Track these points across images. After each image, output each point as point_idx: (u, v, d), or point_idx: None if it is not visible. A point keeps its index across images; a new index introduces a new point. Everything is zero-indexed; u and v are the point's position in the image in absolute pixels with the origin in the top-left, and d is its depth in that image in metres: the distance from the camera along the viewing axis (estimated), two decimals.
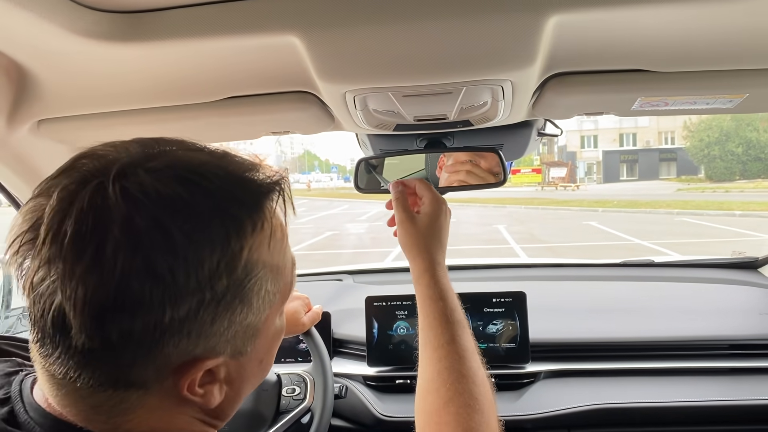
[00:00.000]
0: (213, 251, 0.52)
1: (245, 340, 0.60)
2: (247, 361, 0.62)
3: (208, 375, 0.58)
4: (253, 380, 0.67)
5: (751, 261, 2.22)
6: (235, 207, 0.55)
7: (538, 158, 43.03)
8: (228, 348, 0.58)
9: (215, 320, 0.54)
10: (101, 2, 0.81)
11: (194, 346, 0.54)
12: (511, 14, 0.80)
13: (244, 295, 0.56)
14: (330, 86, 0.96)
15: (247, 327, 0.59)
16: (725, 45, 0.92)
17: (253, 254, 0.56)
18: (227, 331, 0.56)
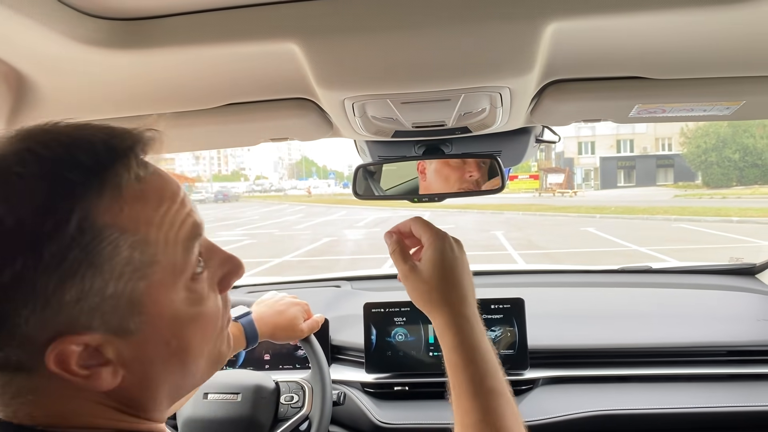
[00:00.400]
0: (36, 213, 0.51)
1: (122, 314, 0.56)
2: (143, 342, 0.58)
3: (95, 354, 0.55)
4: (167, 366, 0.62)
5: (748, 267, 2.22)
6: (67, 169, 0.53)
7: (536, 164, 43.13)
8: (99, 322, 0.54)
9: (62, 288, 0.52)
10: (101, 9, 0.82)
11: (48, 318, 0.52)
12: (510, 22, 0.80)
13: (91, 260, 0.53)
14: (329, 93, 0.96)
15: (116, 298, 0.55)
16: (722, 52, 0.93)
17: (96, 217, 0.53)
18: (85, 301, 0.53)
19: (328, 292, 2.23)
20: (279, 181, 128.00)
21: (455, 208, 27.22)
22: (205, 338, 0.65)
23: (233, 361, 1.87)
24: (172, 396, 0.65)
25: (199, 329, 0.63)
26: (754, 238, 13.84)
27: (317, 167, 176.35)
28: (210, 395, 1.48)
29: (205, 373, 0.69)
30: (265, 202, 51.06)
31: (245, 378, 1.53)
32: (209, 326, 0.65)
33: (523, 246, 13.72)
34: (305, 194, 67.80)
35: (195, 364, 0.65)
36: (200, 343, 0.64)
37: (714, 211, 20.66)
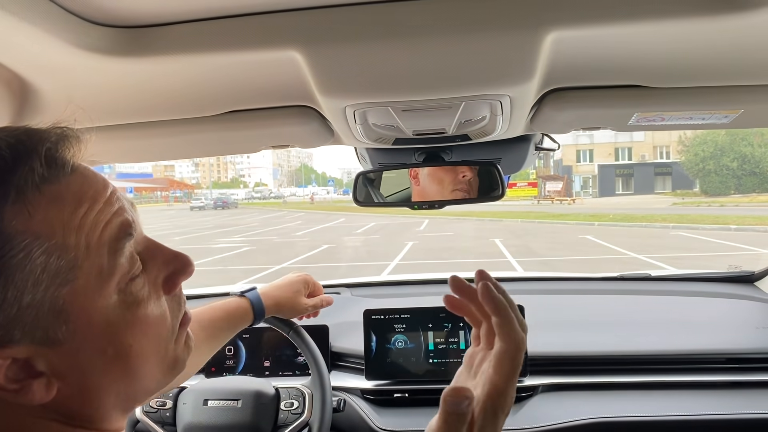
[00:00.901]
0: None
1: (46, 324, 0.53)
2: (74, 351, 0.54)
3: (24, 368, 0.53)
4: (107, 374, 0.58)
5: (747, 275, 2.23)
6: None
7: (534, 172, 43.17)
8: (22, 334, 0.51)
9: None
10: (105, 17, 0.82)
11: None
12: (510, 31, 0.81)
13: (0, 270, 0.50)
14: (330, 101, 0.97)
15: (36, 308, 0.52)
16: (721, 61, 0.94)
17: (4, 225, 0.50)
18: (2, 314, 0.50)
19: None
20: (278, 188, 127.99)
21: (454, 216, 27.23)
22: (149, 343, 0.61)
23: (233, 367, 1.87)
24: (123, 405, 0.62)
25: (139, 334, 0.59)
26: (752, 246, 13.85)
27: (316, 174, 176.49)
28: (210, 401, 1.48)
29: (161, 379, 0.64)
30: (264, 209, 51.04)
31: (245, 384, 1.53)
32: (152, 330, 0.61)
33: (521, 253, 13.72)
34: (307, 201, 67.61)
35: (141, 370, 0.61)
36: (144, 349, 0.60)
37: (712, 219, 20.67)
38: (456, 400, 0.61)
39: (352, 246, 17.23)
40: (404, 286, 2.44)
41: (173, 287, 0.65)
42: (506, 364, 0.65)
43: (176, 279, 0.65)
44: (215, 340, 1.27)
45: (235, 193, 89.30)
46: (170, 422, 1.50)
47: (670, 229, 19.25)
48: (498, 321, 0.66)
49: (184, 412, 1.49)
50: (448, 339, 1.74)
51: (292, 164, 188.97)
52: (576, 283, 2.38)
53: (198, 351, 1.22)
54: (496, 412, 0.63)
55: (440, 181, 1.43)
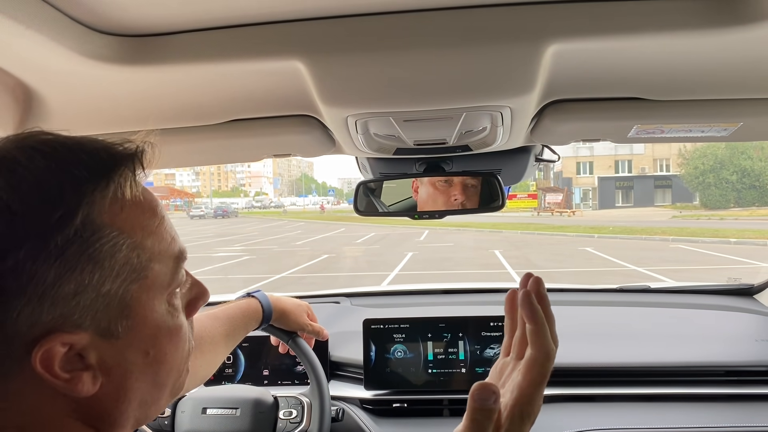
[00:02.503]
0: (42, 203, 0.52)
1: (111, 315, 0.56)
2: (125, 348, 0.58)
3: (76, 358, 0.55)
4: (142, 377, 0.61)
5: (747, 288, 2.22)
6: (74, 167, 0.55)
7: (534, 184, 43.19)
8: (89, 321, 0.54)
9: (60, 280, 0.52)
10: (110, 26, 0.83)
11: (41, 312, 0.51)
12: (511, 43, 0.82)
13: (91, 254, 0.53)
14: (332, 110, 0.98)
15: (109, 298, 0.55)
16: (720, 75, 0.95)
17: (98, 214, 0.54)
18: (80, 297, 0.53)
19: (327, 308, 2.23)
20: (278, 197, 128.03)
21: (453, 226, 27.23)
22: (177, 356, 0.64)
23: (232, 375, 1.87)
24: (138, 417, 0.63)
25: (173, 344, 0.63)
26: (751, 259, 13.85)
27: (317, 184, 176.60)
28: (209, 410, 1.48)
29: (169, 398, 0.67)
30: (265, 218, 50.99)
31: (244, 393, 1.53)
32: (181, 344, 0.65)
33: (521, 265, 13.71)
34: (309, 210, 67.23)
35: (166, 380, 0.64)
36: (174, 360, 0.64)
37: (712, 232, 20.67)
38: (484, 395, 0.62)
39: (352, 256, 17.22)
40: (404, 296, 2.44)
41: (194, 311, 0.70)
42: (535, 371, 0.66)
43: (197, 303, 0.71)
44: (232, 338, 1.29)
45: (236, 202, 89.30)
46: (169, 430, 1.50)
47: (670, 241, 19.25)
48: (532, 329, 0.68)
49: (182, 420, 1.48)
50: (448, 349, 1.74)
51: (293, 174, 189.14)
52: (576, 295, 2.38)
53: (216, 349, 1.23)
54: (522, 418, 0.65)
55: (434, 201, 1.44)
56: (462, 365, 1.73)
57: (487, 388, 0.63)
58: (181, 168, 35.12)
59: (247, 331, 1.34)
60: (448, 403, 1.71)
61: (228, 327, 1.27)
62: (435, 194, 1.44)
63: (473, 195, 1.43)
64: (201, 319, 1.21)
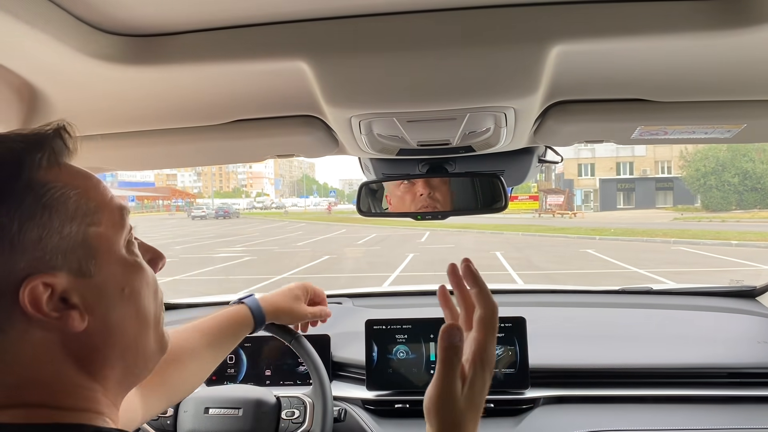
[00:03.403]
0: None
1: (79, 256, 0.63)
2: (101, 285, 0.65)
3: (61, 301, 0.61)
4: (123, 314, 0.67)
5: (749, 290, 2.22)
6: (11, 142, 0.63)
7: (536, 185, 43.14)
8: (61, 262, 0.62)
9: (23, 228, 0.59)
10: (115, 26, 0.83)
11: (15, 260, 0.59)
12: (515, 44, 0.82)
13: (44, 203, 0.61)
14: (336, 111, 0.98)
15: (71, 240, 0.63)
16: (724, 76, 0.95)
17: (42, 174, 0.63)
18: (46, 241, 0.61)
19: (329, 309, 2.23)
20: (280, 198, 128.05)
21: (455, 228, 27.23)
22: (149, 293, 0.71)
23: (234, 375, 1.87)
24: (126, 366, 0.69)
25: (143, 280, 0.70)
26: (753, 261, 13.83)
27: (318, 185, 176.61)
28: (211, 410, 1.48)
29: (155, 352, 0.73)
30: (266, 219, 50.98)
31: (246, 393, 1.53)
32: (152, 283, 0.72)
33: (522, 266, 13.70)
34: (311, 211, 66.71)
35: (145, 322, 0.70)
36: (147, 297, 0.71)
37: (713, 235, 20.64)
38: (451, 333, 0.75)
39: (353, 257, 17.21)
40: (406, 297, 2.44)
41: (155, 269, 0.76)
42: (487, 324, 0.79)
43: (156, 263, 0.77)
44: (219, 348, 1.27)
45: (237, 203, 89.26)
46: (171, 430, 1.50)
47: (671, 243, 19.23)
48: (476, 291, 0.81)
49: (185, 420, 1.48)
50: None
51: (294, 175, 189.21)
52: (578, 296, 2.38)
53: (202, 360, 1.22)
54: (483, 365, 0.76)
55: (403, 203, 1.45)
56: None
57: (452, 327, 0.75)
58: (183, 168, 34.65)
59: (237, 339, 1.31)
60: None
61: (212, 337, 1.24)
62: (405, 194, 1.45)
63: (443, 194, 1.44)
64: (181, 330, 1.20)
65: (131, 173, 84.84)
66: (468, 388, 0.76)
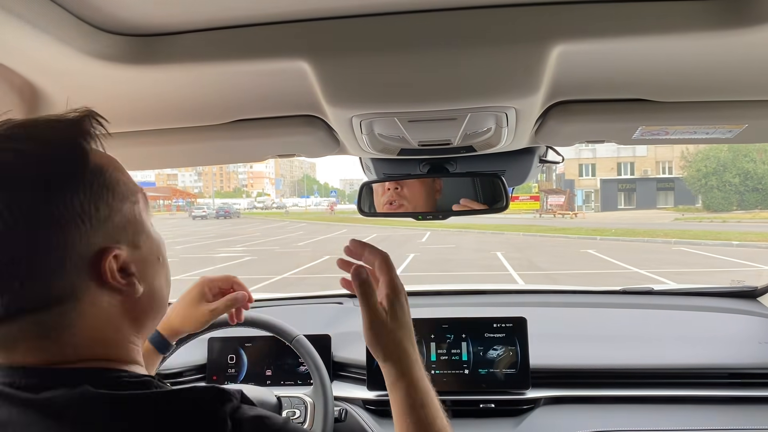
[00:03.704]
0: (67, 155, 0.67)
1: (133, 230, 0.73)
2: (147, 256, 0.74)
3: (123, 271, 0.70)
4: (161, 278, 0.78)
5: (750, 290, 2.22)
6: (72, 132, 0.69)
7: (537, 186, 43.12)
8: (123, 237, 0.71)
9: (98, 209, 0.67)
10: (117, 26, 0.83)
11: (94, 235, 0.66)
12: (517, 44, 0.82)
13: (107, 185, 0.69)
14: (337, 111, 0.98)
15: (127, 217, 0.72)
16: (725, 76, 0.94)
17: (97, 158, 0.70)
18: (113, 219, 0.69)
19: (330, 309, 2.24)
20: (280, 198, 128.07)
21: (455, 228, 27.21)
22: (167, 262, 0.81)
23: (234, 376, 1.87)
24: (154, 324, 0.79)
25: (166, 251, 0.81)
26: (754, 262, 13.82)
27: (319, 185, 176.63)
28: None
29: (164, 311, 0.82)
30: (267, 219, 50.97)
31: (247, 393, 1.52)
32: (167, 263, 0.82)
33: (523, 266, 13.69)
34: (312, 211, 65.89)
35: (169, 283, 0.81)
36: (168, 264, 0.81)
37: (714, 235, 20.62)
38: (358, 271, 0.92)
39: None
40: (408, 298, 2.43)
41: None
42: (384, 266, 0.95)
43: None
44: None
45: (238, 203, 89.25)
46: None
47: (672, 244, 19.21)
48: (367, 250, 0.98)
49: None
50: (451, 350, 1.74)
51: (295, 175, 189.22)
52: (579, 297, 2.38)
53: None
54: (396, 293, 0.93)
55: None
56: (465, 366, 1.73)
57: (358, 267, 0.93)
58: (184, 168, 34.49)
59: (154, 367, 1.24)
60: (451, 404, 1.71)
61: None
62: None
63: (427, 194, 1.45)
64: None
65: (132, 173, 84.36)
66: (390, 312, 0.91)
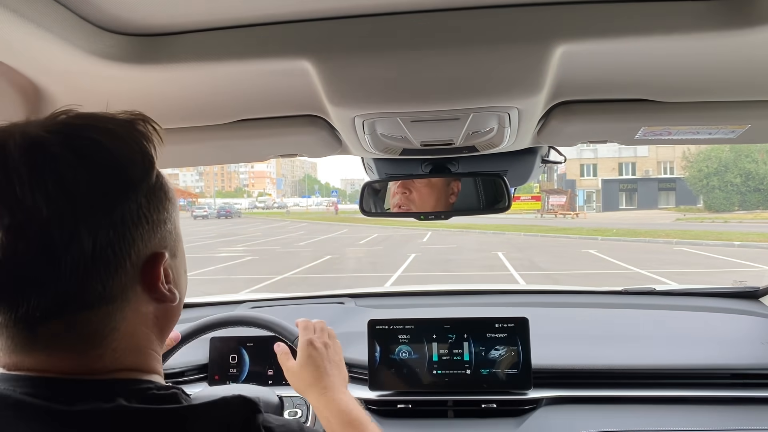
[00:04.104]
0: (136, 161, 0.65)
1: (175, 240, 0.72)
2: (179, 264, 0.74)
3: (165, 276, 0.68)
4: (184, 289, 0.77)
5: (752, 290, 2.22)
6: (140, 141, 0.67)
7: (538, 186, 43.08)
8: (168, 243, 0.70)
9: (159, 212, 0.67)
10: (120, 25, 0.83)
11: (153, 240, 0.66)
12: (520, 44, 0.82)
13: (165, 192, 0.69)
14: (340, 110, 0.98)
15: (174, 224, 0.72)
16: (728, 77, 0.94)
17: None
18: (166, 224, 0.69)
19: (332, 309, 2.23)
20: (281, 198, 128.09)
21: (456, 228, 27.20)
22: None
23: (236, 375, 1.87)
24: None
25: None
26: (755, 262, 13.80)
27: (320, 185, 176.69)
28: None
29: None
30: (268, 218, 50.96)
31: (249, 392, 1.52)
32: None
33: (524, 267, 13.68)
34: (312, 211, 65.45)
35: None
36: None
37: (715, 235, 20.59)
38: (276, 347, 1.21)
39: (355, 257, 17.21)
40: (408, 297, 2.44)
41: None
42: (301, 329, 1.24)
43: None
44: None
45: (239, 203, 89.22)
46: None
47: (674, 244, 19.19)
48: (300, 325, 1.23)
49: None
50: (452, 350, 1.74)
51: (296, 174, 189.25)
52: (581, 297, 2.38)
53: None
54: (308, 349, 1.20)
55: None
56: (467, 366, 1.73)
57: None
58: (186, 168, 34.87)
59: None
60: (453, 404, 1.71)
61: None
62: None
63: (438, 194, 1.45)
64: None
65: None
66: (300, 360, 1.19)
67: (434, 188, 1.45)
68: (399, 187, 1.46)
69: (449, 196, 1.45)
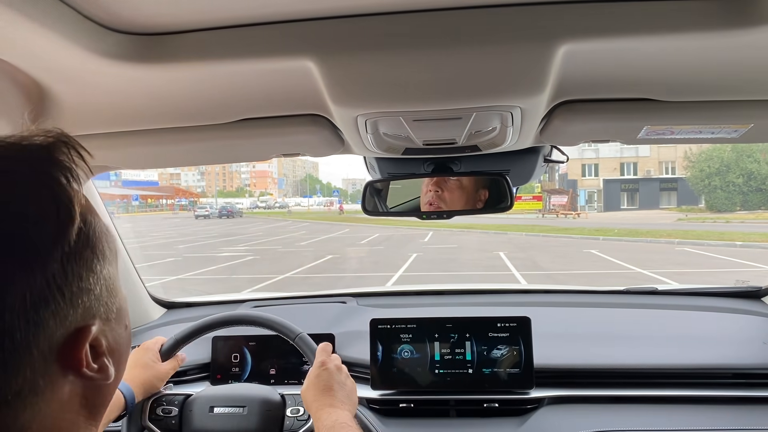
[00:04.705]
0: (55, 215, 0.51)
1: (109, 298, 0.58)
2: (116, 326, 0.60)
3: (94, 349, 0.55)
4: (127, 350, 0.63)
5: (754, 290, 2.21)
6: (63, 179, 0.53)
7: (539, 186, 43.05)
8: (99, 309, 0.56)
9: (81, 278, 0.53)
10: (122, 24, 0.84)
11: (73, 314, 0.52)
12: (523, 43, 0.82)
13: (92, 245, 0.55)
14: (342, 110, 0.98)
15: (106, 282, 0.57)
16: (731, 76, 0.94)
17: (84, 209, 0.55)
18: (94, 288, 0.55)
19: (334, 308, 2.23)
20: (283, 197, 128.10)
21: (458, 228, 27.18)
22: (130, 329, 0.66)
23: (238, 375, 1.87)
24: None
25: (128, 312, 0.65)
26: (757, 262, 13.78)
27: (321, 184, 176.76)
28: (216, 409, 1.48)
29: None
30: (269, 218, 50.95)
31: (251, 391, 1.53)
32: None
33: (526, 267, 13.67)
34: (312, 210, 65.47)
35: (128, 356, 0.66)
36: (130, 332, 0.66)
37: (717, 235, 20.55)
38: None
39: (356, 256, 17.21)
40: (410, 297, 2.44)
41: None
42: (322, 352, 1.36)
43: None
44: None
45: (240, 203, 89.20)
46: (176, 429, 1.50)
47: (675, 244, 19.16)
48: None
49: (190, 419, 1.49)
50: (455, 350, 1.74)
51: (298, 174, 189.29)
52: (582, 296, 2.38)
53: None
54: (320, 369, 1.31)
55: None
56: (469, 366, 1.73)
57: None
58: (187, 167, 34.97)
59: (109, 419, 1.35)
60: (455, 403, 1.71)
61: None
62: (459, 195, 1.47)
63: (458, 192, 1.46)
64: None
65: (135, 172, 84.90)
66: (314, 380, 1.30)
67: (465, 191, 1.46)
68: (433, 185, 1.47)
69: (476, 202, 1.46)
